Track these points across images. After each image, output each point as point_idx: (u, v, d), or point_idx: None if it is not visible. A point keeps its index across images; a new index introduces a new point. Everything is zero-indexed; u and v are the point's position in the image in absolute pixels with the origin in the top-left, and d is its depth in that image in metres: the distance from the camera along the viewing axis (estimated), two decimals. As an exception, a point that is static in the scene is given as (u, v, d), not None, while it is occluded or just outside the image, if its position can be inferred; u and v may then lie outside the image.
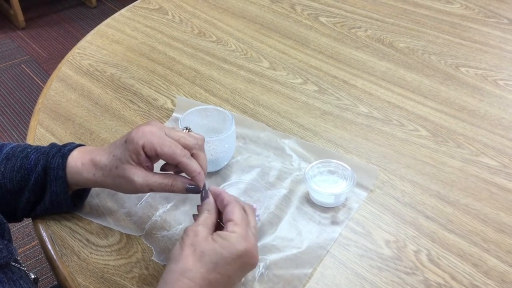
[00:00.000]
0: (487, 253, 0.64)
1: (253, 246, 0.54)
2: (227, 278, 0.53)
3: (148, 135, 0.58)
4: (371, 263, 0.62)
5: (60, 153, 0.63)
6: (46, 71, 2.52)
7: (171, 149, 0.57)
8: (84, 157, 0.63)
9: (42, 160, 0.63)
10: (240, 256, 0.53)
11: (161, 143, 0.57)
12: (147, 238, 0.65)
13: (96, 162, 0.61)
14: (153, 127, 0.59)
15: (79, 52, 1.04)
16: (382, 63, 1.01)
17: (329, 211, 0.69)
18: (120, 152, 0.59)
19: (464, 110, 0.88)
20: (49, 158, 0.63)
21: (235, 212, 0.57)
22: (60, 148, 0.65)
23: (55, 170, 0.62)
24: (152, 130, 0.58)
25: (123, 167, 0.59)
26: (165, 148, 0.57)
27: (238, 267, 0.53)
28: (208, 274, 0.51)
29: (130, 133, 0.59)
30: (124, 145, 0.59)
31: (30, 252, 1.63)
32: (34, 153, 0.64)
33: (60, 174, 0.62)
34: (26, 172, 0.63)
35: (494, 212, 0.69)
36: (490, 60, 1.02)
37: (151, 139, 0.57)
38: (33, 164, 0.63)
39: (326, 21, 1.16)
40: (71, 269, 0.61)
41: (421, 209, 0.70)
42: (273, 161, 0.77)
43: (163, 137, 0.58)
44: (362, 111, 0.88)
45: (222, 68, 0.99)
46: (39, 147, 0.66)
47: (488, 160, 0.78)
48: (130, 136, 0.59)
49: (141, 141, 0.57)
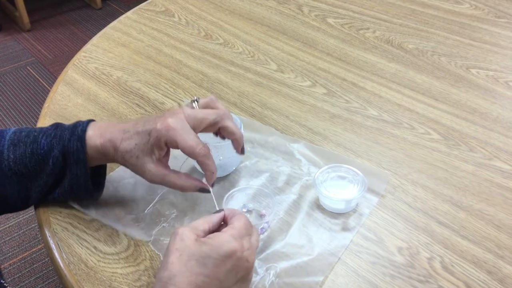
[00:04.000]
0: (502, 260, 0.63)
1: (244, 249, 0.52)
2: (216, 282, 0.50)
3: (173, 131, 0.60)
4: (384, 271, 0.61)
5: (76, 136, 0.63)
6: (52, 73, 2.52)
7: (192, 148, 0.60)
8: (102, 137, 0.63)
9: (56, 144, 0.63)
10: (229, 257, 0.51)
11: (184, 142, 0.60)
12: (155, 245, 0.64)
13: (117, 147, 0.62)
14: (177, 120, 0.61)
15: (85, 55, 1.04)
16: (391, 65, 1.00)
17: (340, 217, 0.68)
18: (144, 144, 0.61)
19: (476, 113, 0.87)
20: (64, 142, 0.62)
21: (238, 218, 0.56)
22: (72, 130, 0.64)
23: (75, 154, 0.62)
24: (176, 126, 0.60)
25: (143, 159, 0.62)
26: (187, 147, 0.60)
27: (228, 270, 0.51)
28: (195, 278, 0.49)
29: (155, 126, 0.60)
30: (147, 137, 0.61)
31: (36, 255, 1.62)
32: (44, 138, 0.63)
33: (82, 157, 0.62)
34: (41, 157, 0.62)
35: (508, 217, 0.68)
36: (501, 61, 1.01)
37: (175, 137, 0.60)
38: (47, 149, 0.62)
39: (334, 22, 1.15)
40: (79, 277, 0.60)
41: (433, 214, 0.68)
42: (282, 166, 0.76)
43: (186, 134, 0.60)
44: (371, 114, 0.87)
45: (229, 71, 0.98)
46: (45, 130, 0.65)
47: (501, 164, 0.76)
48: (155, 130, 0.60)
49: (165, 138, 0.60)
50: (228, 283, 0.51)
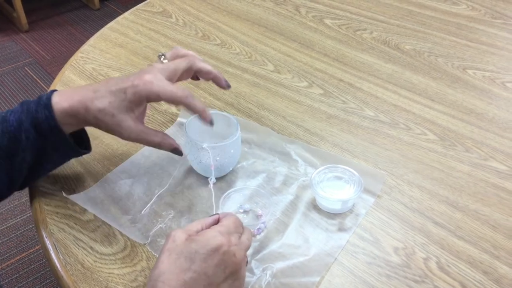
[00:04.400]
0: (498, 260, 0.63)
1: (232, 244, 0.53)
2: (204, 277, 0.50)
3: (150, 84, 0.61)
4: (380, 271, 0.61)
5: (42, 105, 0.62)
6: (50, 74, 2.52)
7: (173, 93, 0.62)
8: (70, 99, 0.62)
9: (24, 118, 0.62)
10: (215, 251, 0.51)
11: (164, 90, 0.61)
12: (152, 246, 0.64)
13: (87, 107, 0.61)
14: (152, 74, 0.62)
15: (82, 56, 1.04)
16: (388, 65, 1.00)
17: (336, 218, 0.68)
18: (119, 101, 0.61)
19: (472, 113, 0.87)
20: (32, 114, 0.62)
21: (227, 217, 0.57)
22: (38, 101, 0.63)
23: (45, 122, 0.61)
24: (152, 79, 0.61)
25: (119, 117, 0.62)
26: (168, 94, 0.61)
27: (215, 265, 0.51)
28: (183, 274, 0.50)
29: (132, 82, 0.61)
30: (123, 95, 0.61)
31: (34, 256, 1.62)
32: (11, 115, 0.62)
33: (53, 124, 0.61)
34: (12, 134, 0.61)
35: (504, 218, 0.68)
36: (498, 62, 1.01)
37: (155, 88, 0.61)
38: (17, 125, 0.61)
39: (331, 23, 1.15)
40: (75, 278, 0.61)
41: (429, 215, 0.69)
42: (278, 166, 0.76)
43: (164, 83, 0.62)
44: (368, 115, 0.87)
45: (227, 72, 0.99)
46: (13, 109, 0.64)
47: (497, 164, 0.77)
48: (132, 86, 0.61)
49: (145, 92, 0.61)
50: (217, 279, 0.51)
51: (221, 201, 0.69)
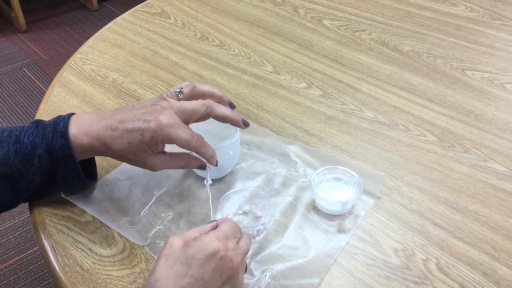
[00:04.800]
0: (497, 262, 0.63)
1: (229, 249, 0.53)
2: (201, 282, 0.50)
3: (167, 129, 0.61)
4: (379, 273, 0.61)
5: (59, 133, 0.61)
6: (48, 74, 2.52)
7: (187, 141, 0.62)
8: (88, 135, 0.62)
9: (39, 142, 0.61)
10: (212, 256, 0.51)
11: (180, 138, 0.61)
12: (151, 248, 0.64)
13: (107, 145, 0.62)
14: (169, 117, 0.61)
15: (80, 57, 1.03)
16: (387, 66, 1.00)
17: (336, 219, 0.68)
18: (137, 143, 0.61)
19: (471, 115, 0.87)
20: (48, 140, 0.61)
21: (225, 222, 0.57)
22: (54, 127, 0.62)
23: (61, 151, 0.61)
24: (169, 123, 0.61)
25: (141, 155, 0.62)
26: (183, 142, 0.62)
27: (212, 270, 0.51)
28: (180, 280, 0.50)
29: (149, 126, 0.60)
30: (140, 137, 0.61)
31: (32, 257, 1.62)
32: (25, 136, 0.62)
33: (68, 152, 0.61)
34: (25, 157, 0.61)
35: (503, 219, 0.68)
36: (497, 63, 1.01)
37: (171, 135, 0.61)
38: (31, 148, 0.61)
39: (329, 24, 1.15)
40: (74, 279, 0.60)
41: (429, 216, 0.69)
42: (278, 168, 0.76)
43: (180, 130, 0.61)
44: (367, 116, 0.87)
45: (226, 73, 0.98)
46: (27, 129, 0.63)
47: (496, 165, 0.77)
48: (149, 130, 0.60)
49: (161, 137, 0.61)
50: (214, 284, 0.51)
51: (220, 203, 0.69)
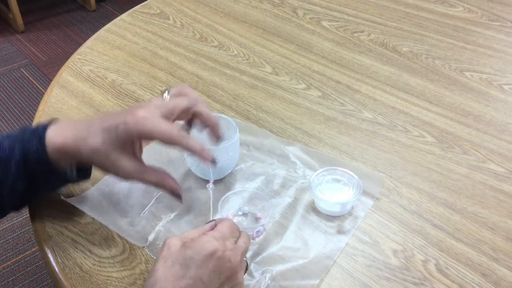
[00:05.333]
0: (496, 263, 0.63)
1: (227, 248, 0.52)
2: (200, 283, 0.50)
3: (143, 121, 0.56)
4: (379, 274, 0.61)
5: (36, 135, 0.59)
6: (46, 75, 2.51)
7: (168, 132, 0.57)
8: (63, 136, 0.59)
9: (17, 146, 0.59)
10: (210, 257, 0.51)
11: (158, 129, 0.56)
12: (151, 249, 0.64)
13: (80, 146, 0.58)
14: (146, 110, 0.57)
15: (79, 58, 1.03)
16: (386, 67, 1.00)
17: (335, 220, 0.68)
18: (112, 141, 0.57)
19: (470, 116, 0.87)
20: (25, 142, 0.59)
21: (222, 222, 0.57)
22: (34, 130, 0.60)
23: (36, 154, 0.58)
24: (146, 115, 0.57)
25: (114, 156, 0.57)
26: (161, 132, 0.56)
27: (211, 271, 0.50)
28: (179, 281, 0.49)
29: (124, 119, 0.56)
30: (115, 132, 0.57)
31: (30, 258, 1.61)
32: (7, 140, 0.60)
33: (42, 157, 0.59)
34: (2, 160, 0.59)
35: (502, 220, 0.69)
36: (495, 64, 1.01)
37: (148, 126, 0.56)
38: (8, 152, 0.59)
39: (328, 25, 1.16)
40: (74, 281, 0.60)
41: (428, 217, 0.69)
42: (277, 169, 0.76)
43: (158, 121, 0.57)
44: (366, 117, 0.87)
45: (225, 74, 0.99)
46: (11, 134, 0.61)
47: (495, 166, 0.77)
48: (124, 123, 0.56)
49: (136, 129, 0.56)
50: (213, 285, 0.51)
51: (220, 204, 0.69)
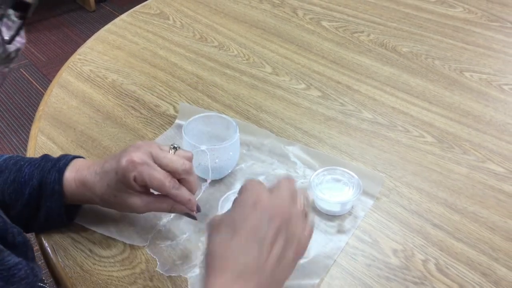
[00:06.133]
0: (496, 262, 0.63)
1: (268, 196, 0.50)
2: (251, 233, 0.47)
3: (138, 167, 0.57)
4: (379, 273, 0.61)
5: (56, 168, 0.62)
6: (45, 76, 2.51)
7: (160, 182, 0.58)
8: (77, 178, 0.62)
9: (37, 174, 0.62)
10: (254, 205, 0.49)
11: (151, 176, 0.58)
12: (151, 249, 0.64)
13: (91, 188, 0.61)
14: (143, 154, 0.58)
15: (79, 58, 1.03)
16: (386, 68, 1.01)
17: (335, 220, 0.68)
18: (114, 183, 0.59)
19: (470, 116, 0.87)
20: (44, 172, 0.61)
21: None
22: (55, 162, 0.63)
23: (52, 185, 0.61)
24: (141, 160, 0.58)
25: (121, 196, 0.60)
26: (154, 181, 0.58)
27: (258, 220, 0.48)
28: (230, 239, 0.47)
29: (120, 163, 0.58)
30: (115, 175, 0.59)
31: (30, 258, 1.61)
32: (28, 167, 0.63)
33: (57, 188, 0.61)
34: (20, 186, 0.61)
35: (502, 220, 0.69)
36: (494, 64, 1.02)
37: (141, 172, 0.57)
38: (27, 178, 0.61)
39: (328, 25, 1.16)
40: (74, 280, 0.60)
41: (428, 217, 0.69)
42: (277, 169, 0.76)
43: (152, 169, 0.58)
44: (366, 117, 0.87)
45: (225, 74, 0.99)
46: (32, 160, 0.64)
47: (494, 166, 0.77)
48: (120, 168, 0.58)
49: (132, 174, 0.57)
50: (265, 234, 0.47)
51: (220, 203, 0.69)
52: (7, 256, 0.48)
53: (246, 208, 0.49)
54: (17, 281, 0.48)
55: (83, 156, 0.67)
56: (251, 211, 0.49)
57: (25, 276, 0.49)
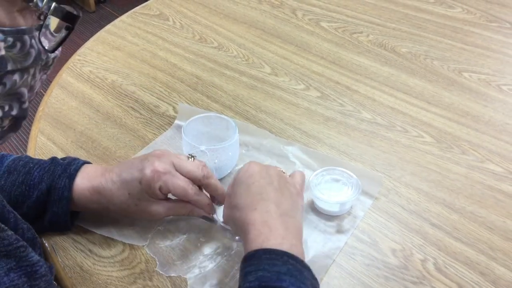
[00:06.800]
0: (495, 262, 0.63)
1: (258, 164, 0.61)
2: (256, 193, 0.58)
3: (162, 177, 0.60)
4: (378, 273, 0.62)
5: (67, 174, 0.62)
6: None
7: (184, 190, 0.61)
8: (90, 186, 0.62)
9: (46, 178, 0.62)
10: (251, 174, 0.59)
11: (175, 185, 0.61)
12: (150, 249, 0.64)
13: (107, 196, 0.61)
14: (165, 164, 0.61)
15: (79, 59, 1.04)
16: (385, 68, 1.01)
17: (334, 220, 0.68)
18: (137, 192, 0.61)
19: (468, 116, 0.88)
20: (54, 177, 0.62)
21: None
22: (65, 167, 0.63)
23: (61, 191, 0.61)
24: (165, 170, 0.60)
25: (144, 205, 0.62)
26: (178, 190, 0.61)
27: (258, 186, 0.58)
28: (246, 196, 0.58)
29: (145, 174, 0.60)
30: (138, 185, 0.60)
31: (30, 259, 1.61)
32: (38, 170, 0.63)
33: (66, 194, 0.61)
34: (28, 188, 0.61)
35: (500, 219, 0.69)
36: (493, 65, 1.02)
37: (166, 181, 0.60)
38: (37, 181, 0.62)
39: (327, 26, 1.16)
40: (74, 280, 0.61)
41: (427, 216, 0.69)
42: (276, 169, 0.76)
43: (175, 178, 0.61)
44: (365, 117, 0.87)
45: (224, 74, 0.99)
46: (42, 163, 0.64)
47: (493, 166, 0.77)
48: (145, 178, 0.60)
49: (157, 184, 0.60)
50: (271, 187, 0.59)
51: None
52: (30, 252, 0.49)
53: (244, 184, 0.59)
54: (38, 278, 0.49)
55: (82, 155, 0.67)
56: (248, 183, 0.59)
57: (45, 273, 0.50)
